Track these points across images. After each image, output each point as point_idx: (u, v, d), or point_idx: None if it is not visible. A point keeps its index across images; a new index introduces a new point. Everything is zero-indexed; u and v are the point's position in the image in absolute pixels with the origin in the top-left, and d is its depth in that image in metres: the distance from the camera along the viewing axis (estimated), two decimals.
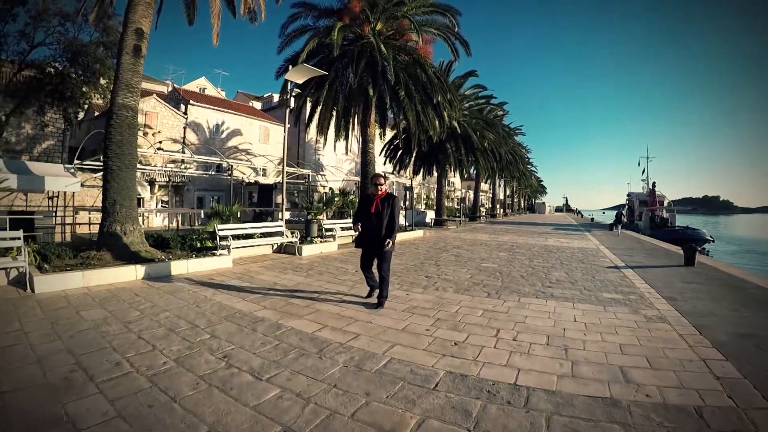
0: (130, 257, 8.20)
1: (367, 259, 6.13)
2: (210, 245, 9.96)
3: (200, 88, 42.66)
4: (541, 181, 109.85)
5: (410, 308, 5.91)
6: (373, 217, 5.82)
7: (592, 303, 6.34)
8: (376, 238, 5.79)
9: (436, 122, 17.50)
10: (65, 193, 16.75)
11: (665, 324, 5.26)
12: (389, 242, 5.69)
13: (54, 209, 15.24)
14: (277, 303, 6.00)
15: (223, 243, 9.41)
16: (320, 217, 15.84)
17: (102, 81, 19.52)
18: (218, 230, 9.44)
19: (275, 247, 11.39)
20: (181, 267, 8.10)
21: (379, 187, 5.90)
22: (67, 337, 4.39)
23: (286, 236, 11.37)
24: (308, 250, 11.35)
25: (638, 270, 9.94)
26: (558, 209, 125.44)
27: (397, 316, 5.46)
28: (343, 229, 13.83)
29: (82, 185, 18.08)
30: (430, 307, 5.97)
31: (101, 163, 11.01)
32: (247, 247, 10.30)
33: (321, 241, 12.19)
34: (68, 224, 16.16)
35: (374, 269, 6.10)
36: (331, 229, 13.46)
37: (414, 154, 25.17)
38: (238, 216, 13.83)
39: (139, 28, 9.03)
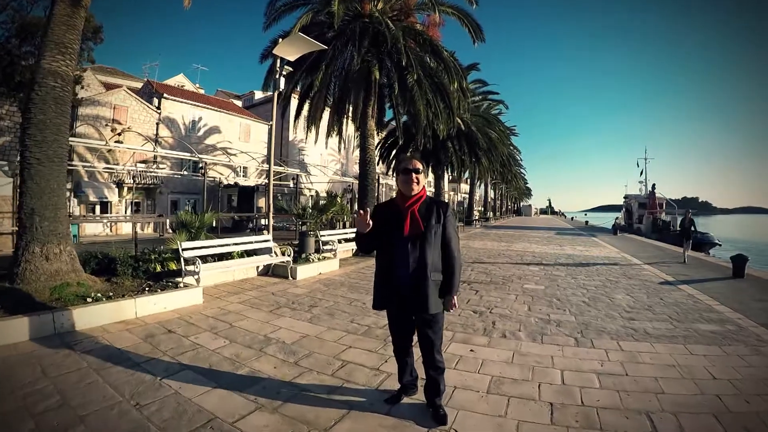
0: (54, 294, 5.63)
1: (403, 333, 3.15)
2: (174, 268, 7.39)
3: (178, 86, 39.56)
4: (527, 183, 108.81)
5: (496, 382, 3.72)
6: (408, 246, 2.88)
7: (702, 342, 5.02)
8: (417, 291, 2.86)
9: (446, 115, 15.23)
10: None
11: None
12: (452, 300, 2.97)
13: None
14: (277, 388, 3.52)
15: (190, 268, 6.82)
16: (314, 224, 13.27)
17: None
18: (182, 250, 6.85)
19: (261, 267, 8.86)
20: (125, 309, 5.51)
21: (414, 179, 2.94)
22: None
23: (275, 253, 8.86)
24: (304, 271, 8.80)
25: (695, 285, 8.92)
26: (543, 211, 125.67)
27: (488, 408, 3.24)
28: (341, 241, 11.48)
29: None
30: (520, 378, 3.87)
31: None
32: (223, 269, 7.75)
33: (319, 259, 9.70)
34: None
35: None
36: (328, 242, 11.03)
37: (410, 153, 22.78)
38: (214, 225, 11.26)
39: None
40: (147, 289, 6.15)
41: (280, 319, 5.60)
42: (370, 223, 2.89)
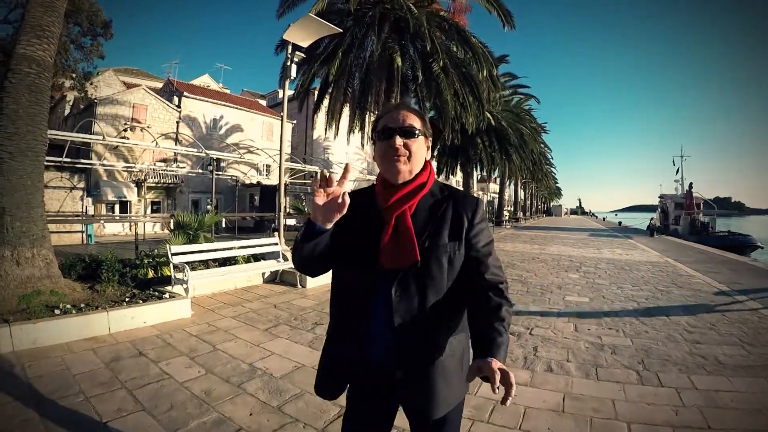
0: (22, 303, 4.90)
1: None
2: (169, 274, 6.61)
3: (204, 86, 39.50)
4: (557, 182, 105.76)
5: None
6: (393, 290, 1.31)
7: None
8: (412, 380, 1.33)
9: (475, 107, 14.15)
10: None
11: None
12: (496, 368, 1.12)
13: None
14: None
15: (180, 276, 5.99)
16: None
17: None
18: (172, 255, 6.03)
19: (267, 274, 7.98)
20: (96, 324, 4.69)
21: (397, 145, 1.39)
22: None
23: (285, 256, 7.98)
24: (316, 279, 7.85)
25: (753, 296, 7.62)
26: (573, 212, 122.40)
27: None
28: None
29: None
30: None
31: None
32: (221, 276, 6.90)
33: None
34: None
35: None
36: None
37: (438, 149, 21.78)
38: (224, 225, 10.49)
39: None
40: (128, 299, 5.35)
41: (274, 341, 4.65)
42: (346, 200, 1.27)
